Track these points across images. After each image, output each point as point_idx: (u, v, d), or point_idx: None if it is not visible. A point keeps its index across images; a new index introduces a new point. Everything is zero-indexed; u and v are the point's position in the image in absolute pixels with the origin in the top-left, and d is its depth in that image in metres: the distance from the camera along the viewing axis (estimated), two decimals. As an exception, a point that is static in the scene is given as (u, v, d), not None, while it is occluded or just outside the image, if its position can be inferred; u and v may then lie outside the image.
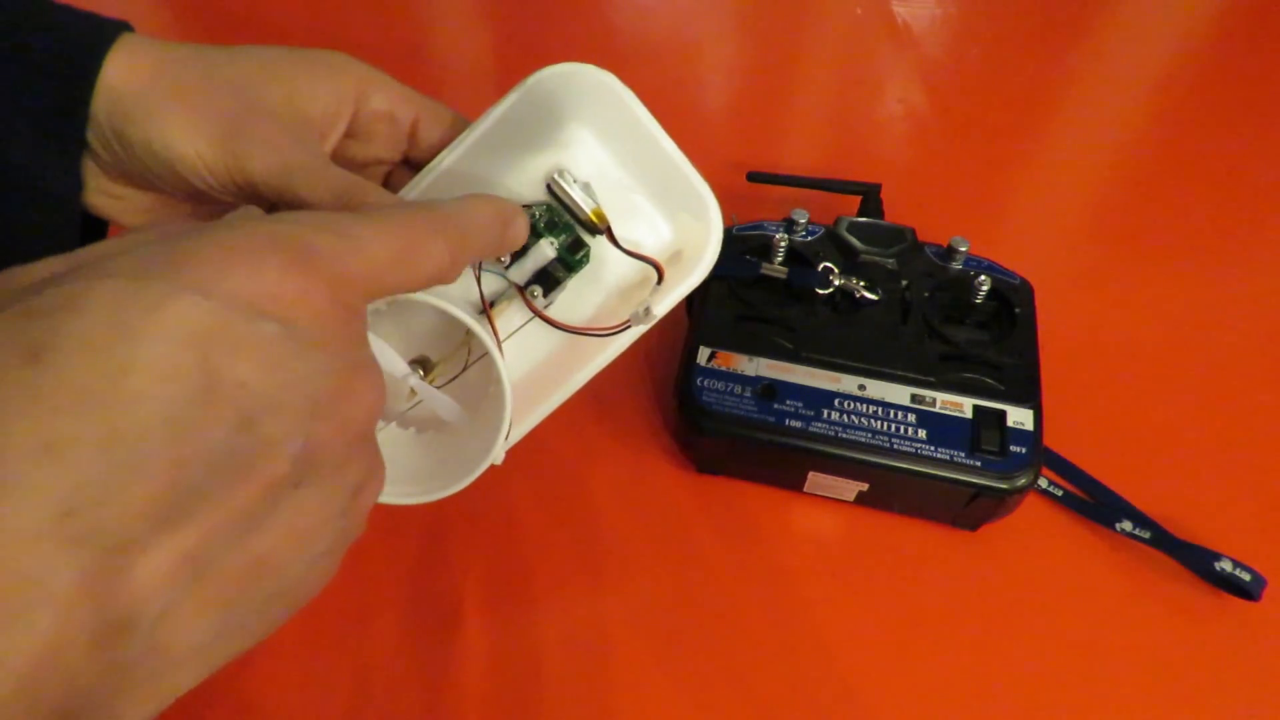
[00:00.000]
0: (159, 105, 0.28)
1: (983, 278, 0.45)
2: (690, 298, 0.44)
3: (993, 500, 0.40)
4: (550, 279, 0.33)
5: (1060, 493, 0.44)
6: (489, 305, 0.32)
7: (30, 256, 0.30)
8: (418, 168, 0.33)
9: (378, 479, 0.23)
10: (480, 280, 0.32)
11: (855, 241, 0.47)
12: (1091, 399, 0.48)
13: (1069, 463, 0.45)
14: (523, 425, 0.33)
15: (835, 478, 0.42)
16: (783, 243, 0.46)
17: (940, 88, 0.69)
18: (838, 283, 0.45)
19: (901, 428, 0.41)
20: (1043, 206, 0.61)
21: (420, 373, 0.31)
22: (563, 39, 0.72)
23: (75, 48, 0.28)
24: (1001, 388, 0.42)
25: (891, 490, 0.42)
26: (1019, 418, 0.41)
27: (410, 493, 0.30)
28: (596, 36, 0.74)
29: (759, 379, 0.42)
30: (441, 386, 0.32)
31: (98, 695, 0.16)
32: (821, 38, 0.75)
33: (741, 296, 0.45)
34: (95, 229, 0.32)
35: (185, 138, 0.28)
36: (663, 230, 0.34)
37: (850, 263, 0.47)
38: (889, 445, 0.40)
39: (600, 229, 0.32)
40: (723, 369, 0.43)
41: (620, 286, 0.34)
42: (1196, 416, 0.48)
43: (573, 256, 0.33)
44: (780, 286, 0.46)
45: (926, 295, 0.45)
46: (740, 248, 0.47)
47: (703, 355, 0.43)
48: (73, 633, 0.15)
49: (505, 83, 0.31)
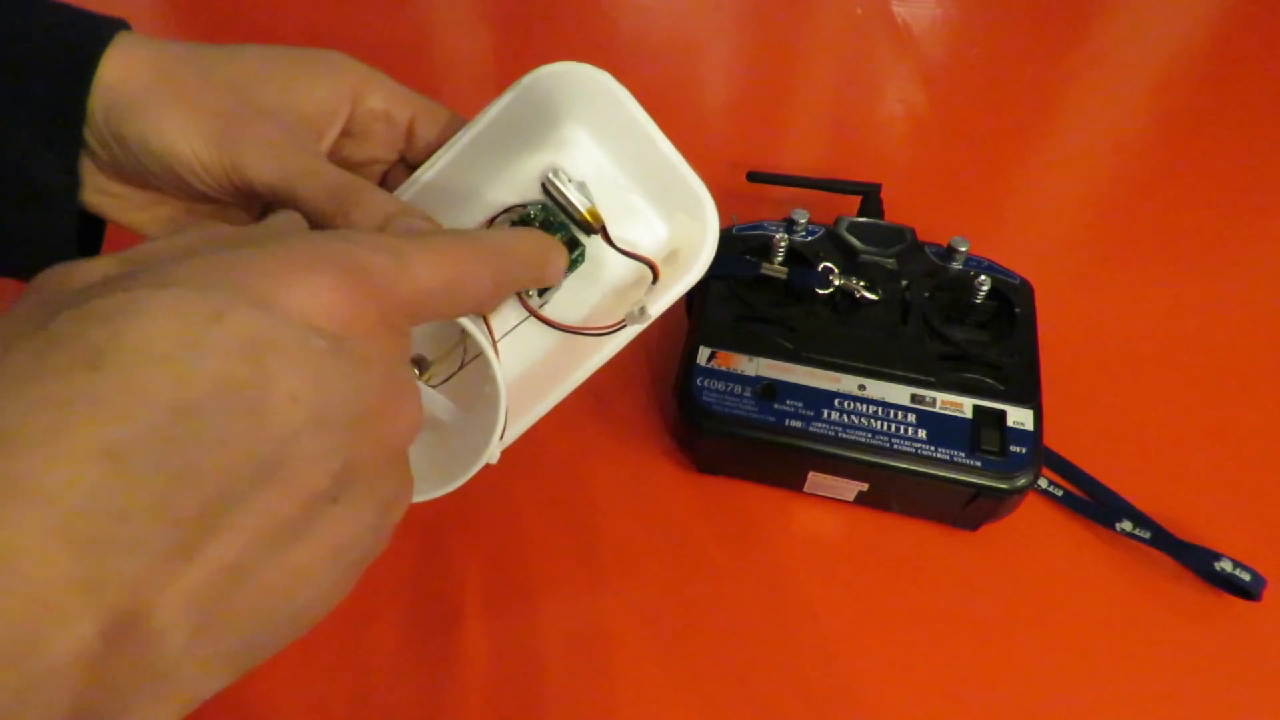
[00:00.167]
0: (156, 104, 0.28)
1: (983, 278, 0.44)
2: (690, 297, 0.44)
3: (993, 500, 0.40)
4: None
5: (1060, 493, 0.44)
6: None
7: (28, 255, 0.31)
8: (414, 167, 0.33)
9: (407, 494, 0.23)
10: None
11: (855, 241, 0.47)
12: (1091, 399, 0.48)
13: (1069, 463, 0.45)
14: (519, 425, 0.33)
15: (835, 478, 0.42)
16: (783, 243, 0.46)
17: (940, 88, 0.68)
18: (838, 283, 0.45)
19: (901, 428, 0.41)
20: (1043, 206, 0.61)
21: (416, 372, 0.31)
22: (562, 39, 0.73)
23: (72, 46, 0.28)
24: (1001, 388, 0.42)
25: (891, 490, 0.42)
26: (1019, 418, 0.41)
27: None
28: (596, 36, 0.74)
29: (759, 379, 0.42)
30: (437, 386, 0.32)
31: (126, 698, 0.16)
32: (821, 38, 0.75)
33: (742, 296, 0.45)
34: (93, 227, 0.32)
35: (182, 136, 0.28)
36: (659, 230, 0.34)
37: (850, 263, 0.46)
38: (889, 445, 0.40)
39: (595, 228, 0.32)
40: (723, 369, 0.43)
41: (616, 286, 0.34)
42: (1196, 417, 0.48)
43: (568, 256, 0.33)
44: (780, 286, 0.46)
45: (926, 295, 0.45)
46: (740, 248, 0.47)
47: (703, 355, 0.43)
48: (112, 636, 0.15)
49: (503, 82, 0.31)
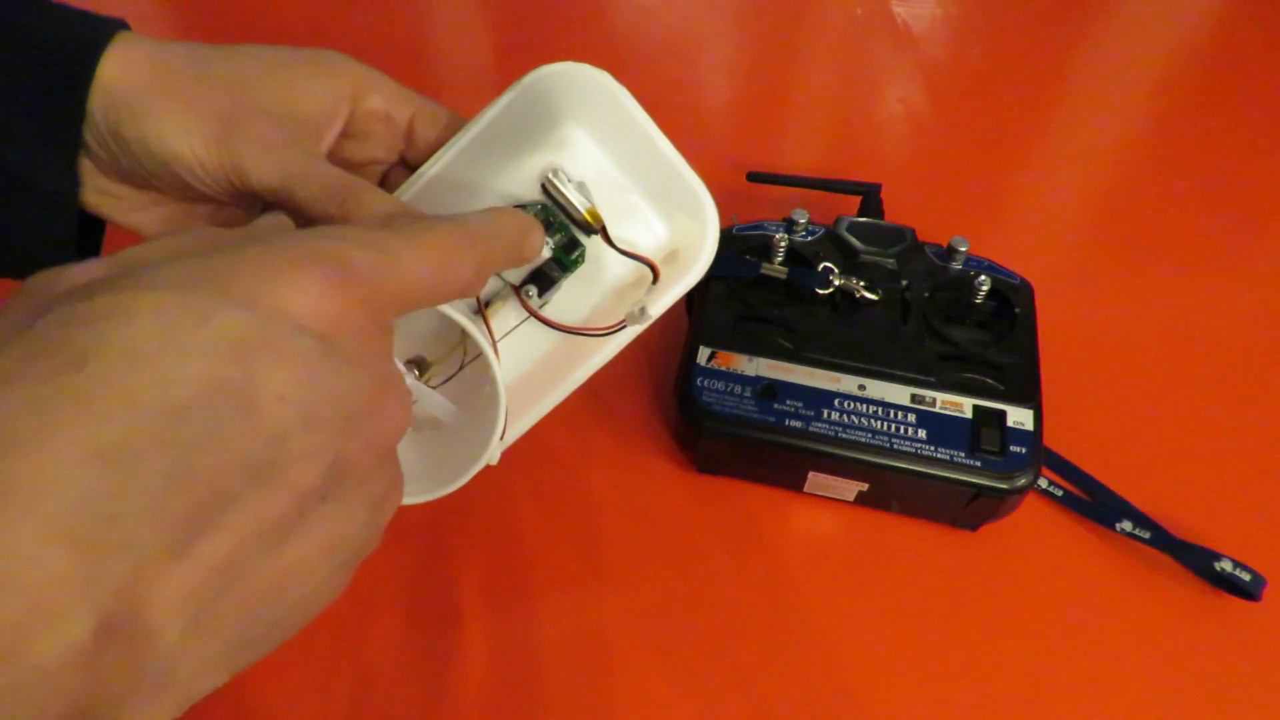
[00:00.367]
0: (155, 104, 0.28)
1: (983, 278, 0.44)
2: (690, 298, 0.44)
3: (993, 500, 0.40)
4: (545, 279, 0.33)
5: (1060, 493, 0.44)
6: (484, 305, 0.32)
7: (28, 255, 0.31)
8: (414, 167, 0.33)
9: (398, 492, 0.23)
10: None
11: (855, 241, 0.47)
12: (1091, 399, 0.48)
13: (1069, 463, 0.45)
14: (519, 425, 0.33)
15: (835, 478, 0.42)
16: (783, 243, 0.46)
17: (940, 88, 0.68)
18: (838, 283, 0.45)
19: (901, 428, 0.41)
20: (1043, 206, 0.61)
21: (416, 373, 0.31)
22: (562, 39, 0.72)
23: (72, 46, 0.28)
24: (1001, 388, 0.42)
25: (891, 490, 0.42)
26: (1019, 418, 0.41)
27: (406, 492, 0.30)
28: (596, 36, 0.74)
29: (759, 379, 0.42)
30: (437, 386, 0.32)
31: (121, 697, 0.16)
32: (821, 38, 0.75)
33: (742, 296, 0.45)
34: (92, 228, 0.32)
35: (181, 136, 0.28)
36: (659, 230, 0.34)
37: (850, 263, 0.46)
38: (889, 445, 0.40)
39: (595, 228, 0.32)
40: (723, 369, 0.43)
41: (616, 286, 0.34)
42: (1196, 417, 0.48)
43: (568, 256, 0.33)
44: (780, 286, 0.46)
45: (926, 295, 0.45)
46: (740, 248, 0.47)
47: (703, 355, 0.43)
48: (105, 636, 0.15)
49: (503, 83, 0.31)
